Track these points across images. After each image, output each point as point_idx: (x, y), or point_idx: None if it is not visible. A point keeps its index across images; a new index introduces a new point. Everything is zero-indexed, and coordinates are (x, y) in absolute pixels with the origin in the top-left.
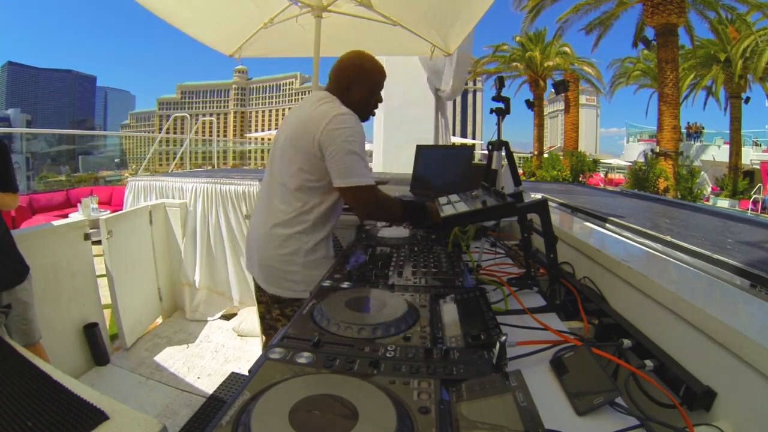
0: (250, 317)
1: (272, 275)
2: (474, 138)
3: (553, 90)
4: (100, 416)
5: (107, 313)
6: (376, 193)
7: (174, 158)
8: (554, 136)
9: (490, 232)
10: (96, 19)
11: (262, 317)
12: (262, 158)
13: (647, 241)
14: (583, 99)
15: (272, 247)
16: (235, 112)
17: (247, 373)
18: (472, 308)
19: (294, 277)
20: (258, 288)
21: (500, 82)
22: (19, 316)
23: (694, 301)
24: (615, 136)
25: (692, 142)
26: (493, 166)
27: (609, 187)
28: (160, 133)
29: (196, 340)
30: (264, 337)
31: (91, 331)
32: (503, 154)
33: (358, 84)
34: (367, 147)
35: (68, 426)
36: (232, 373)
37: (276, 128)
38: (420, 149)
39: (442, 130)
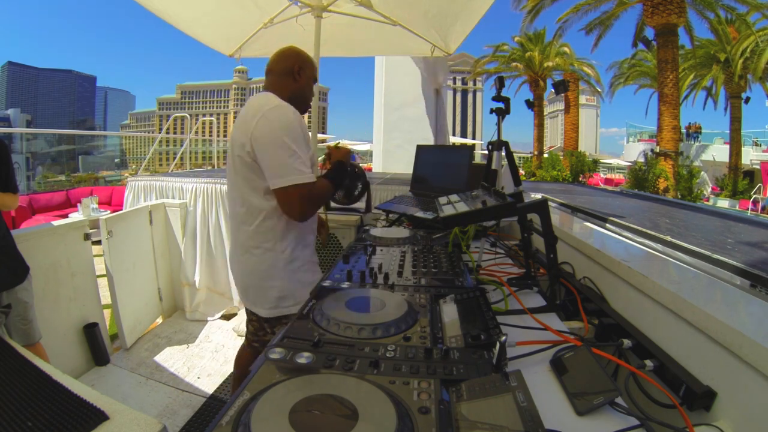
0: None
1: (256, 295)
2: (474, 138)
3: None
4: (100, 416)
5: (107, 313)
6: (311, 191)
7: (174, 158)
8: (554, 136)
9: (490, 232)
10: (96, 19)
11: (248, 339)
12: None
13: (647, 241)
14: (583, 99)
15: (250, 264)
16: (235, 112)
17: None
18: (472, 308)
19: (276, 294)
20: (248, 312)
21: (500, 82)
22: (19, 316)
23: (694, 301)
24: (615, 136)
25: (692, 142)
26: (493, 166)
27: (608, 187)
28: (160, 133)
29: (196, 340)
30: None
31: (91, 331)
32: (503, 154)
33: (303, 71)
34: (367, 147)
35: (68, 426)
36: (232, 372)
37: None
38: (420, 149)
39: (442, 130)
